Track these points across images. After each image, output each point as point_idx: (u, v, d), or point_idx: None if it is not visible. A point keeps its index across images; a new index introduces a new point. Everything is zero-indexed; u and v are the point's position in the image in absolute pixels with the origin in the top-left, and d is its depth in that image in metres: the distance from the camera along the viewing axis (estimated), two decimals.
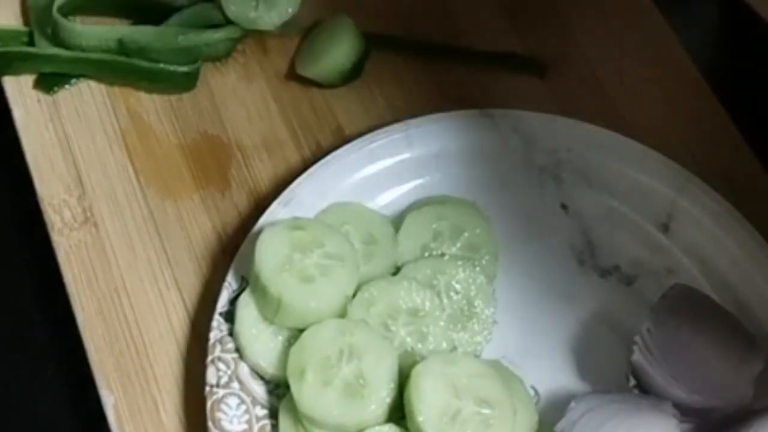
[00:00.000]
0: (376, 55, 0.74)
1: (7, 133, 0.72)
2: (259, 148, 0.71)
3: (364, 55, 0.73)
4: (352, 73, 0.73)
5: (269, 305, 0.61)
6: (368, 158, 0.67)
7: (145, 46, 0.71)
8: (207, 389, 0.60)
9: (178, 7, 0.74)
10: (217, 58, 0.74)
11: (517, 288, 0.66)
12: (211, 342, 0.62)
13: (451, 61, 0.74)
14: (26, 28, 0.74)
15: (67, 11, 0.73)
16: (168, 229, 0.68)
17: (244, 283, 0.63)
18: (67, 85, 0.73)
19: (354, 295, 0.62)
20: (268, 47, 0.75)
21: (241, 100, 0.73)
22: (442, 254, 0.65)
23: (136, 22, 0.74)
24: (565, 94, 0.73)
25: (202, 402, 0.60)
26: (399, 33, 0.75)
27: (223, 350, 0.61)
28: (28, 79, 0.73)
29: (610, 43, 0.75)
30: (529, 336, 0.64)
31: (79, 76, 0.73)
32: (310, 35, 0.74)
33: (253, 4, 0.72)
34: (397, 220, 0.66)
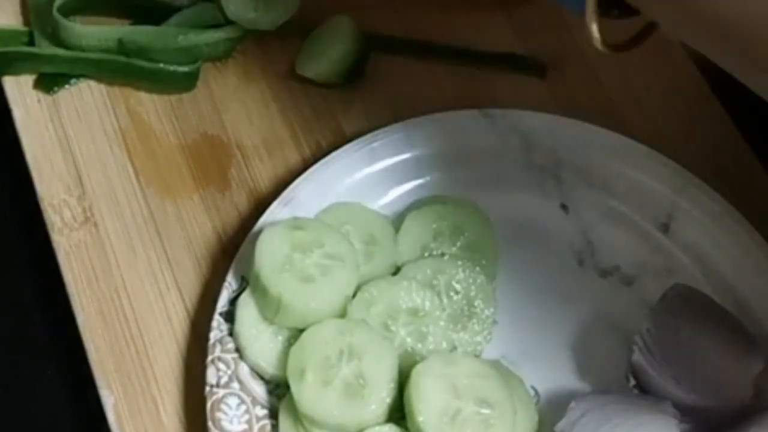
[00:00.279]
0: (376, 55, 0.74)
1: (7, 133, 0.71)
2: (259, 148, 0.71)
3: (364, 56, 0.73)
4: (352, 73, 0.73)
5: (269, 305, 0.61)
6: (368, 158, 0.67)
7: (145, 46, 0.71)
8: (207, 389, 0.60)
9: (178, 7, 0.74)
10: (217, 58, 0.74)
11: (517, 288, 0.65)
12: (211, 342, 0.61)
13: (451, 61, 0.74)
14: (26, 28, 0.74)
15: (67, 11, 0.72)
16: (168, 229, 0.68)
17: (244, 283, 0.63)
18: (67, 85, 0.73)
19: (354, 295, 0.62)
20: (268, 47, 0.74)
21: (241, 100, 0.73)
22: (442, 254, 0.65)
23: (136, 22, 0.74)
24: (565, 94, 0.73)
25: (202, 402, 0.60)
26: (399, 33, 0.75)
27: (223, 350, 0.61)
28: (28, 79, 0.73)
29: None
30: (529, 336, 0.64)
31: (79, 76, 0.73)
32: (310, 35, 0.73)
33: (253, 4, 0.72)
34: (397, 220, 0.66)
